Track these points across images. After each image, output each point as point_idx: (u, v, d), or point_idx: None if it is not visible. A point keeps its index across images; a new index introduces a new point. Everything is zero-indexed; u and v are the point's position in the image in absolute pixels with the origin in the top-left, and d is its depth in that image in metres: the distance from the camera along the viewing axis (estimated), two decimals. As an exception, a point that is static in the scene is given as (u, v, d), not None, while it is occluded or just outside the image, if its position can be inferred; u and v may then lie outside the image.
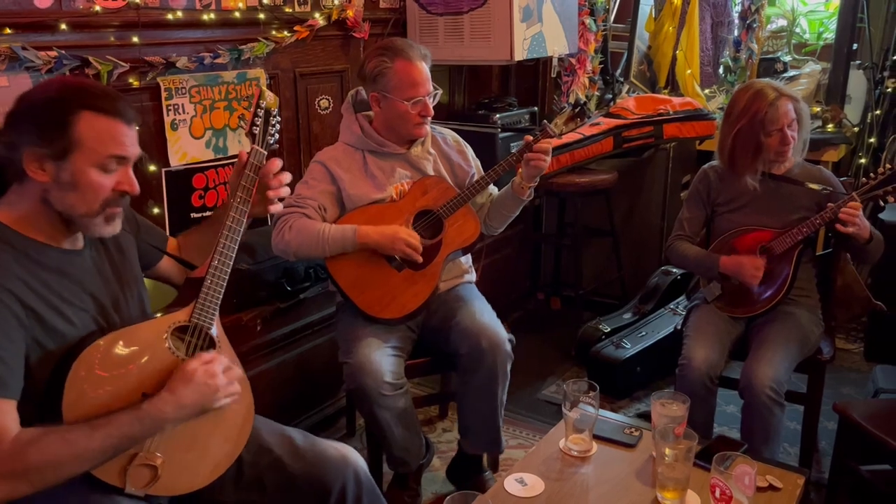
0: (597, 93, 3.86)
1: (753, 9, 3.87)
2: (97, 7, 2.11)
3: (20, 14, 1.97)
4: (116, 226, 1.39)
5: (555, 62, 3.77)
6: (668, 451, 1.57)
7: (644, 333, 3.15)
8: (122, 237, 1.52)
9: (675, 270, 3.35)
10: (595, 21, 3.70)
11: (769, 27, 4.14)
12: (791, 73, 3.98)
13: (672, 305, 3.27)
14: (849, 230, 2.10)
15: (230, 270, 1.47)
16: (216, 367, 1.37)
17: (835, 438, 2.17)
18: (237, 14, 2.49)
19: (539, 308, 3.95)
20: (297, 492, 1.56)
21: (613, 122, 3.40)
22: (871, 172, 2.19)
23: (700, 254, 2.36)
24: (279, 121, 1.57)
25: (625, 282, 3.68)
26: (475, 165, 2.37)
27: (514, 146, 3.07)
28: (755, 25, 3.89)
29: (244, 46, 2.52)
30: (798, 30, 4.23)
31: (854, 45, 3.63)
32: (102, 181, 1.32)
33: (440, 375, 2.72)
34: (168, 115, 2.36)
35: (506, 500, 1.62)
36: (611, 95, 3.91)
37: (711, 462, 1.52)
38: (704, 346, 2.19)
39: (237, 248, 1.48)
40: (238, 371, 1.44)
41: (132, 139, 1.36)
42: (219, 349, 1.47)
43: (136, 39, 2.23)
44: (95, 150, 1.30)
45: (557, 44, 3.29)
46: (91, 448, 1.25)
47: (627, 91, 3.98)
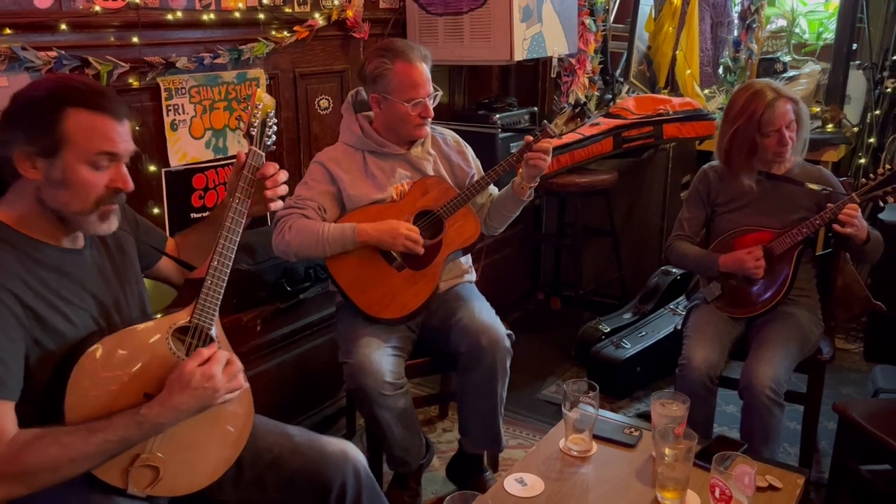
0: (596, 93, 3.86)
1: (753, 9, 3.88)
2: (97, 7, 2.11)
3: (20, 14, 1.97)
4: (112, 224, 1.38)
5: (555, 62, 3.77)
6: (668, 451, 1.57)
7: (644, 333, 3.15)
8: (122, 237, 1.52)
9: (675, 270, 3.35)
10: (595, 21, 3.70)
11: (769, 27, 4.14)
12: (791, 74, 3.98)
13: (672, 305, 3.27)
14: (847, 231, 2.10)
15: (230, 271, 1.47)
16: (214, 368, 1.35)
17: (834, 438, 2.17)
18: (237, 14, 2.50)
19: (539, 308, 3.95)
20: (298, 489, 1.56)
21: (613, 123, 3.40)
22: (871, 173, 2.19)
23: (700, 253, 2.36)
24: (277, 122, 1.57)
25: (625, 282, 3.68)
26: (475, 166, 2.38)
27: (514, 146, 3.07)
28: (755, 25, 3.89)
29: (244, 47, 2.52)
30: (798, 30, 4.23)
31: (854, 46, 3.63)
32: (94, 178, 1.31)
33: (440, 375, 2.72)
34: (168, 116, 2.36)
35: (506, 500, 1.62)
36: (610, 96, 3.91)
37: (711, 462, 1.52)
38: (704, 347, 2.19)
39: (237, 249, 1.48)
40: (238, 364, 1.43)
41: (123, 135, 1.34)
42: (212, 344, 1.46)
43: (136, 40, 2.23)
44: (84, 147, 1.29)
45: (557, 44, 3.29)
46: (87, 451, 1.25)
47: (627, 91, 3.98)
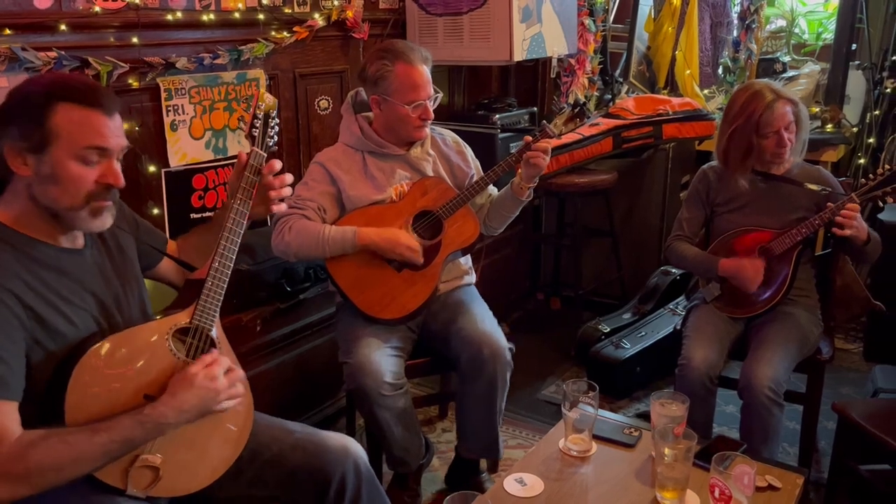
0: (596, 93, 3.86)
1: (752, 9, 3.88)
2: (97, 8, 2.12)
3: (20, 15, 1.97)
4: (105, 220, 1.37)
5: (554, 63, 3.77)
6: (668, 451, 1.57)
7: (643, 333, 3.15)
8: (122, 237, 1.52)
9: (675, 271, 3.35)
10: (594, 21, 3.70)
11: (768, 27, 4.15)
12: (790, 74, 3.98)
13: (671, 305, 3.27)
14: (846, 233, 2.10)
15: (230, 272, 1.47)
16: (217, 371, 1.36)
17: (834, 438, 2.17)
18: (237, 14, 2.50)
19: (539, 308, 3.95)
20: (298, 484, 1.56)
21: (613, 123, 3.40)
22: (870, 173, 2.19)
23: (699, 255, 2.36)
24: (278, 122, 1.57)
25: (624, 282, 3.68)
26: (474, 166, 2.37)
27: (514, 147, 3.07)
28: (754, 26, 3.90)
29: (244, 47, 2.52)
30: (797, 30, 4.24)
31: (853, 46, 3.63)
32: (83, 173, 1.30)
33: (440, 375, 2.72)
34: (168, 116, 2.36)
35: (505, 500, 1.62)
36: (610, 96, 3.92)
37: (711, 462, 1.52)
38: (704, 347, 2.19)
39: (237, 250, 1.48)
40: (240, 372, 1.44)
41: (114, 130, 1.33)
42: (219, 351, 1.47)
43: (136, 40, 2.23)
44: (73, 142, 1.28)
45: (557, 44, 3.29)
46: (92, 451, 1.25)
47: (627, 91, 3.98)
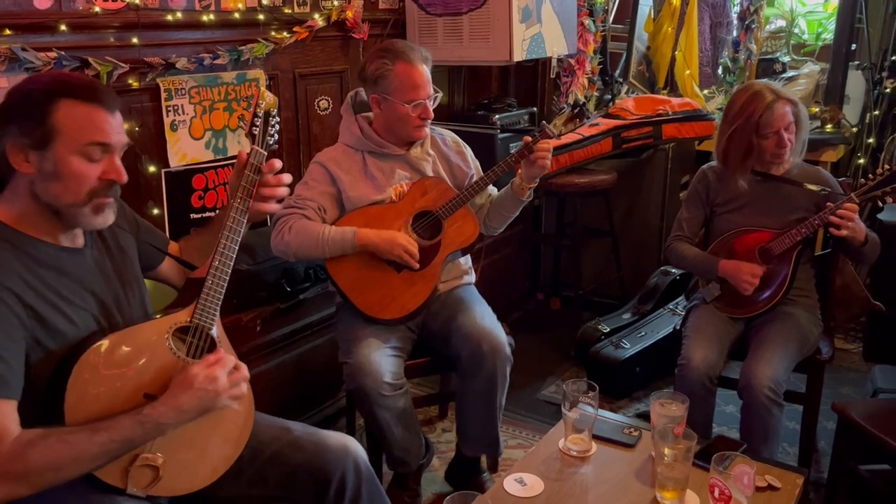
0: (596, 93, 3.86)
1: (752, 9, 3.88)
2: (97, 8, 2.12)
3: (20, 15, 1.97)
4: (108, 217, 1.37)
5: (554, 63, 3.77)
6: (668, 451, 1.57)
7: (643, 333, 3.15)
8: (123, 237, 1.52)
9: (675, 271, 3.35)
10: (594, 22, 3.70)
11: (768, 28, 4.15)
12: (790, 74, 3.98)
13: (671, 306, 3.28)
14: (842, 233, 2.10)
15: (231, 271, 1.47)
16: (218, 372, 1.35)
17: (834, 438, 2.17)
18: (236, 15, 2.50)
19: (538, 308, 3.95)
20: (298, 483, 1.56)
21: (612, 123, 3.40)
22: (870, 173, 2.19)
23: (699, 255, 2.36)
24: (279, 121, 1.57)
25: (624, 282, 3.68)
26: (474, 166, 2.38)
27: (514, 147, 3.08)
28: (754, 26, 3.90)
29: (244, 47, 2.52)
30: (797, 30, 4.24)
31: (853, 46, 3.63)
32: (86, 170, 1.31)
33: (440, 375, 2.72)
34: (168, 116, 2.36)
35: (505, 500, 1.62)
36: (610, 96, 3.92)
37: (710, 462, 1.52)
38: (703, 347, 2.19)
39: (237, 249, 1.48)
40: (245, 372, 1.43)
41: (115, 126, 1.34)
42: (219, 350, 1.47)
43: (136, 40, 2.23)
44: (75, 138, 1.29)
45: (556, 44, 3.29)
46: (91, 451, 1.25)
47: (626, 92, 3.99)
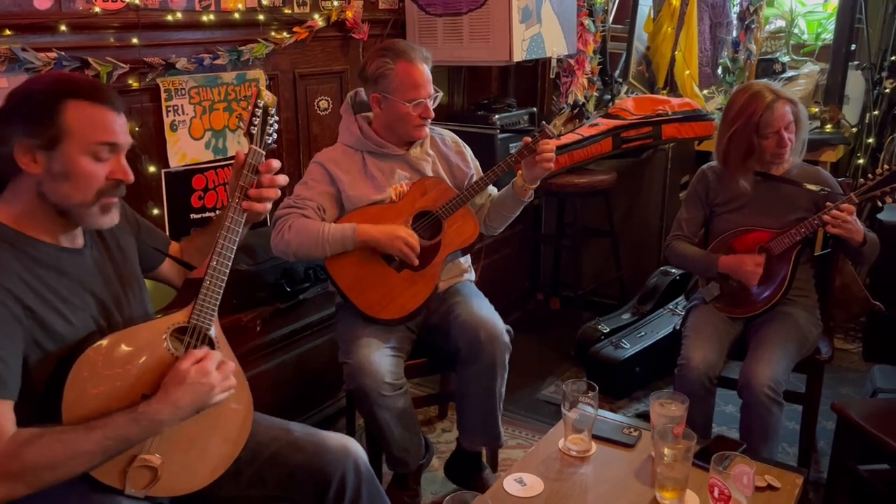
0: (595, 93, 3.86)
1: (752, 10, 3.88)
2: (97, 8, 2.12)
3: (20, 15, 1.98)
4: (114, 217, 1.38)
5: (554, 63, 3.78)
6: (667, 451, 1.57)
7: (643, 334, 3.15)
8: (123, 237, 1.52)
9: (674, 271, 3.35)
10: (594, 22, 3.70)
11: (767, 28, 4.14)
12: (789, 74, 3.98)
13: (671, 306, 3.28)
14: (836, 231, 2.10)
15: (229, 271, 1.46)
16: (208, 365, 1.36)
17: (833, 438, 2.17)
18: (236, 15, 2.50)
19: (538, 308, 3.95)
20: (298, 483, 1.56)
21: (612, 123, 3.40)
22: (869, 173, 2.19)
23: (698, 254, 2.37)
24: (277, 120, 1.56)
25: (624, 282, 3.68)
26: (474, 166, 2.38)
27: (514, 147, 3.08)
28: (753, 26, 3.90)
29: (243, 47, 2.52)
30: (796, 30, 4.24)
31: (852, 46, 3.63)
32: (95, 170, 1.32)
33: (440, 376, 2.72)
34: (167, 117, 2.36)
35: (505, 500, 1.62)
36: (609, 96, 3.92)
37: (710, 462, 1.52)
38: (703, 347, 2.19)
39: (236, 249, 1.48)
40: (232, 365, 1.43)
41: (121, 126, 1.35)
42: (217, 349, 1.47)
43: (136, 41, 2.23)
44: (85, 138, 1.30)
45: (556, 45, 3.29)
46: (87, 449, 1.25)
47: (626, 92, 3.99)
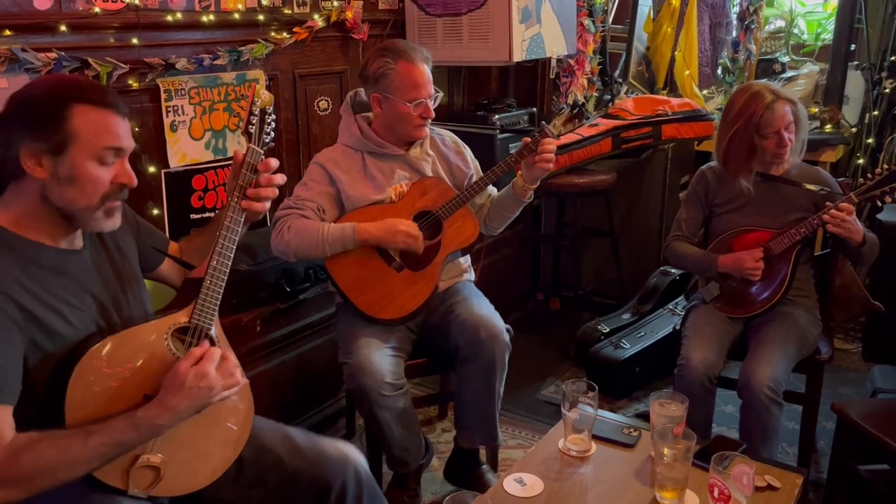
0: (595, 94, 3.87)
1: (752, 10, 3.88)
2: (97, 8, 2.12)
3: (20, 15, 1.98)
4: (116, 220, 1.39)
5: (553, 63, 3.78)
6: (667, 451, 1.57)
7: (643, 334, 3.15)
8: (122, 238, 1.52)
9: (674, 271, 3.35)
10: (593, 22, 3.70)
11: (767, 28, 4.15)
12: (789, 74, 3.98)
13: (671, 306, 3.28)
14: (836, 231, 2.11)
15: (229, 271, 1.46)
16: (207, 367, 1.34)
17: (833, 438, 2.17)
18: (236, 15, 2.50)
19: (538, 308, 3.95)
20: (298, 490, 1.56)
21: (612, 123, 3.40)
22: (869, 173, 2.19)
23: (698, 254, 2.37)
24: (275, 119, 1.56)
25: (624, 282, 3.68)
26: (474, 166, 2.38)
27: (513, 147, 3.08)
28: (753, 26, 3.90)
29: (243, 48, 2.52)
30: (796, 31, 4.24)
31: (852, 46, 3.64)
32: (101, 174, 1.32)
33: (440, 376, 2.72)
34: (167, 117, 2.36)
35: (505, 500, 1.62)
36: (609, 96, 3.92)
37: (710, 462, 1.52)
38: (703, 347, 2.20)
39: (236, 249, 1.48)
40: (234, 361, 1.42)
41: (126, 130, 1.36)
42: (204, 342, 1.45)
43: (136, 41, 2.23)
44: (92, 143, 1.30)
45: (556, 45, 3.29)
46: (85, 455, 1.25)
47: (626, 92, 3.99)
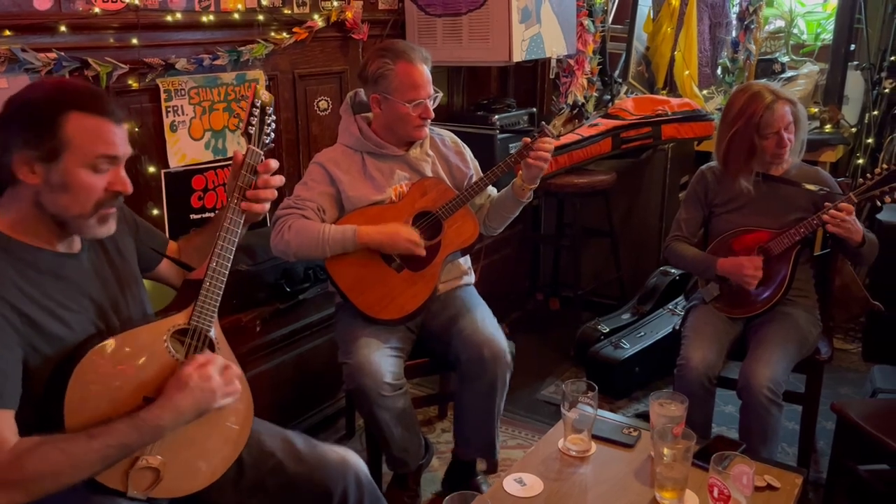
0: (595, 94, 3.87)
1: (751, 10, 3.88)
2: (96, 9, 2.12)
3: (20, 16, 1.98)
4: (111, 227, 1.38)
5: (553, 63, 3.78)
6: (667, 451, 1.57)
7: (643, 334, 3.15)
8: (121, 239, 1.52)
9: (674, 271, 3.35)
10: (593, 22, 3.71)
11: (767, 28, 4.15)
12: (789, 74, 3.98)
13: (671, 306, 3.28)
14: (835, 231, 2.11)
15: (228, 272, 1.46)
16: (211, 370, 1.35)
17: (833, 438, 2.17)
18: (236, 15, 2.50)
19: (538, 308, 3.95)
20: (299, 495, 1.56)
21: (612, 123, 3.41)
22: (868, 173, 2.19)
23: (697, 255, 2.37)
24: (275, 119, 1.56)
25: (623, 282, 3.68)
26: (473, 167, 2.38)
27: (513, 147, 3.08)
28: (753, 26, 3.90)
29: (243, 48, 2.52)
30: (796, 31, 4.24)
31: (852, 46, 3.64)
32: (94, 182, 1.31)
33: (439, 376, 2.72)
34: (167, 117, 2.36)
35: (505, 500, 1.62)
36: (609, 96, 3.92)
37: (709, 462, 1.52)
38: (703, 347, 2.20)
39: (236, 249, 1.48)
40: (236, 369, 1.43)
41: (122, 138, 1.34)
42: (218, 351, 1.47)
43: (136, 41, 2.23)
44: (85, 151, 1.29)
45: (556, 45, 3.29)
46: (88, 458, 1.24)
47: (626, 92, 3.99)
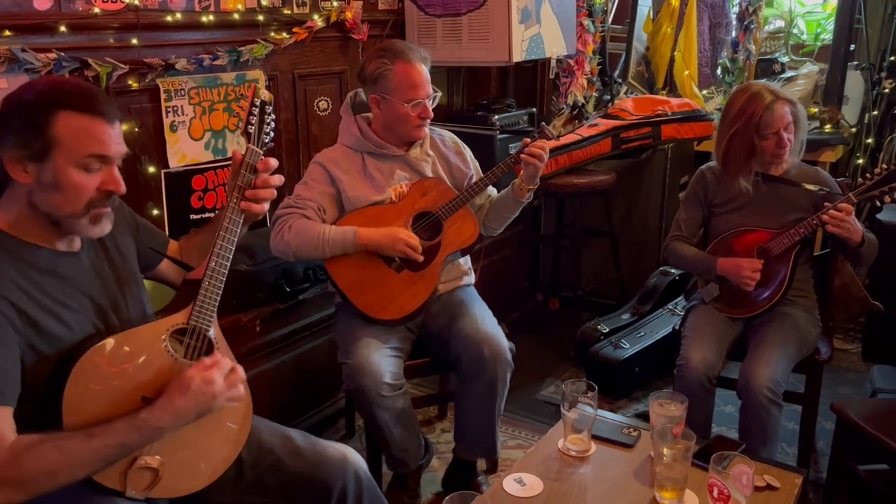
0: (595, 94, 3.87)
1: (751, 10, 3.88)
2: (96, 9, 2.12)
3: (20, 16, 1.98)
4: (105, 227, 1.37)
5: (553, 63, 3.78)
6: (667, 451, 1.57)
7: (642, 334, 3.15)
8: (122, 238, 1.52)
9: (674, 271, 3.35)
10: (593, 22, 3.71)
11: (767, 28, 4.15)
12: (789, 74, 3.99)
13: (670, 306, 3.28)
14: (835, 231, 2.11)
15: (228, 272, 1.46)
16: (214, 374, 1.34)
17: (832, 438, 2.17)
18: (236, 16, 2.50)
19: (538, 309, 3.95)
20: (298, 492, 1.56)
21: (612, 124, 3.41)
22: (868, 173, 2.19)
23: (697, 255, 2.37)
24: (274, 119, 1.55)
25: (623, 282, 3.68)
26: (473, 167, 2.38)
27: (513, 148, 3.08)
28: (753, 26, 3.90)
29: (243, 48, 2.52)
30: (795, 31, 4.24)
31: (851, 46, 3.64)
32: (85, 181, 1.30)
33: (439, 376, 2.72)
34: (167, 117, 2.36)
35: (504, 500, 1.62)
36: (609, 96, 3.92)
37: (709, 462, 1.52)
38: (702, 347, 2.20)
39: (235, 250, 1.47)
40: (241, 374, 1.42)
41: (114, 137, 1.33)
42: (217, 351, 1.46)
43: (136, 41, 2.23)
44: (74, 150, 1.28)
45: (556, 45, 3.29)
46: (87, 457, 1.24)
47: (625, 92, 3.99)
